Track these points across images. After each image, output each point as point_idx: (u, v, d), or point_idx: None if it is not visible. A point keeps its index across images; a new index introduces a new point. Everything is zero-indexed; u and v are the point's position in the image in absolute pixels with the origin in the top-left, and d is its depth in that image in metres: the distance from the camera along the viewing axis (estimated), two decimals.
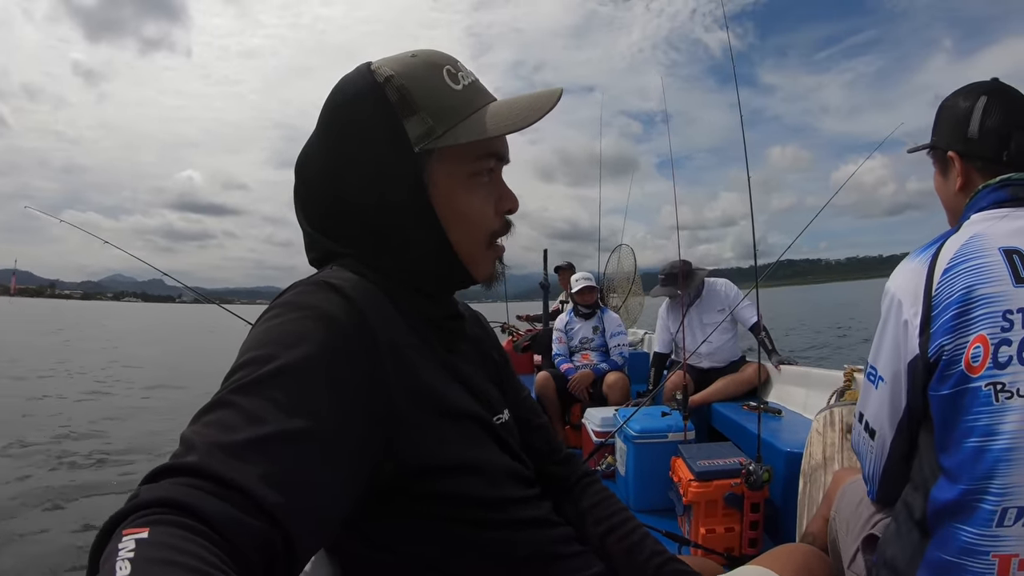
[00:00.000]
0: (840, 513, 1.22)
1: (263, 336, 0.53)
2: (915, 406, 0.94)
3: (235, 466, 0.41)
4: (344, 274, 0.62)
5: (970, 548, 0.83)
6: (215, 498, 0.38)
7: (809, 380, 2.84)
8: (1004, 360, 0.83)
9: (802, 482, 1.84)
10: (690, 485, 2.04)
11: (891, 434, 0.99)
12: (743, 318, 3.36)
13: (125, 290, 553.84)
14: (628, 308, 5.71)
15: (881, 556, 1.00)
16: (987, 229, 0.92)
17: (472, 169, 0.68)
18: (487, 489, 0.66)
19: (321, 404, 0.49)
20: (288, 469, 0.43)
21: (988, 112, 1.01)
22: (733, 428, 2.79)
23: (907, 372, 0.93)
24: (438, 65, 0.67)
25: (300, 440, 0.46)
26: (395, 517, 0.62)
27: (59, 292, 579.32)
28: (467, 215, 0.68)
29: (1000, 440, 0.82)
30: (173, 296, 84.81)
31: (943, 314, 0.89)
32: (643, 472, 2.46)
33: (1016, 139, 0.99)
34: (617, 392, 3.50)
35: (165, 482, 0.39)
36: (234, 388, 0.47)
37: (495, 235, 0.72)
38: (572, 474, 0.91)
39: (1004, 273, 0.86)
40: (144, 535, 0.34)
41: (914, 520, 0.93)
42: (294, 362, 0.49)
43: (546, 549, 0.71)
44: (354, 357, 0.54)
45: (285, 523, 0.41)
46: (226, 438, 0.43)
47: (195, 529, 0.36)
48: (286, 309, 0.56)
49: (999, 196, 0.96)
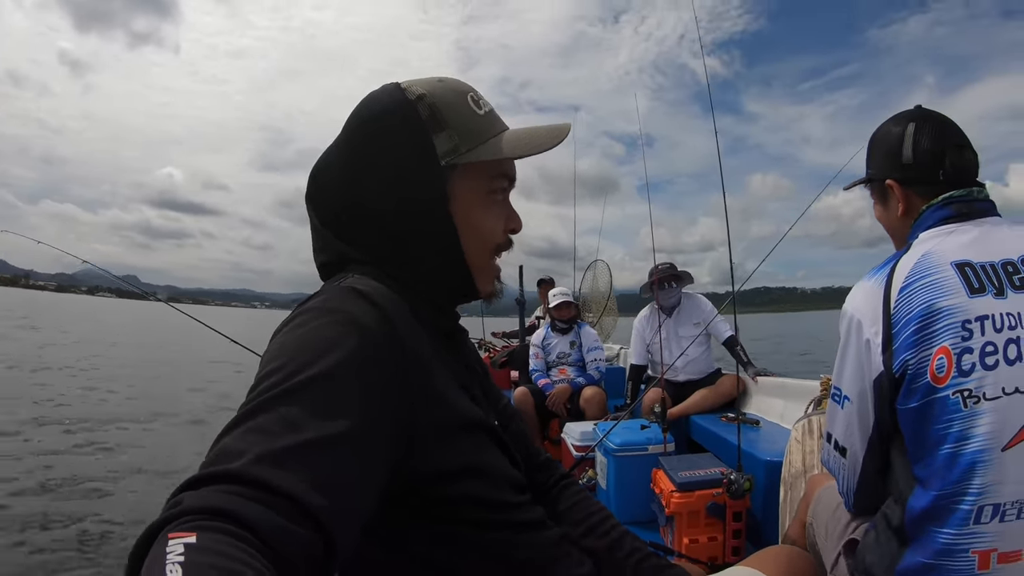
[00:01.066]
0: (818, 518, 1.23)
1: (296, 342, 0.53)
2: (884, 421, 0.97)
3: (279, 473, 0.41)
4: (370, 282, 0.64)
5: (948, 548, 0.86)
6: (260, 505, 0.38)
7: (786, 391, 2.88)
8: (968, 368, 0.87)
9: (783, 490, 1.86)
10: (672, 496, 2.05)
11: (863, 451, 1.01)
12: (718, 332, 3.40)
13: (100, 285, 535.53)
14: (602, 325, 5.75)
15: (860, 563, 1.01)
16: (937, 246, 0.96)
17: (489, 187, 0.73)
18: (490, 492, 0.67)
19: (354, 410, 0.50)
20: (329, 474, 0.44)
21: (919, 135, 1.05)
22: (712, 439, 2.81)
23: (873, 389, 0.96)
24: (463, 92, 0.73)
25: (338, 445, 0.46)
26: (403, 519, 0.62)
27: (33, 283, 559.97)
28: (480, 228, 0.73)
29: (973, 443, 0.85)
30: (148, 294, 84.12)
31: (904, 330, 0.91)
32: (624, 485, 2.47)
33: (950, 156, 1.03)
34: (594, 406, 3.51)
35: (206, 489, 0.39)
36: (272, 396, 0.47)
37: (499, 249, 0.76)
38: (550, 478, 0.94)
39: (958, 286, 0.90)
40: (192, 539, 0.33)
41: (892, 528, 0.95)
42: (328, 369, 0.50)
43: (544, 551, 0.72)
44: (384, 365, 0.55)
45: (328, 527, 0.41)
46: (268, 445, 0.43)
47: (241, 536, 0.36)
48: (316, 315, 0.57)
49: (944, 213, 1.01)
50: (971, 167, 1.05)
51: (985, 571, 0.84)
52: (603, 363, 3.92)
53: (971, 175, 1.04)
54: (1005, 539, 0.84)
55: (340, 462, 0.46)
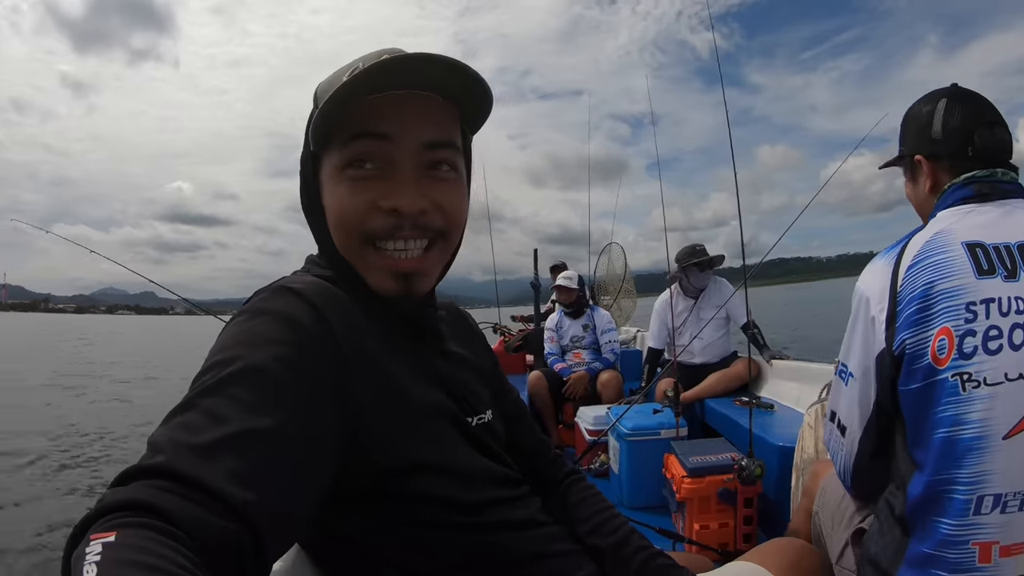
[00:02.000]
0: (824, 509, 1.22)
1: (227, 340, 0.53)
2: (884, 402, 0.96)
3: (201, 466, 0.40)
4: (304, 277, 0.64)
5: (949, 539, 0.84)
6: (182, 499, 0.38)
7: (800, 374, 2.84)
8: (969, 351, 0.85)
9: (795, 476, 1.84)
10: (683, 481, 2.04)
11: (860, 431, 1.00)
12: (736, 316, 3.36)
13: (118, 303, 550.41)
14: (620, 307, 5.72)
15: (865, 553, 1.01)
16: (951, 225, 0.94)
17: (342, 158, 0.63)
18: (459, 491, 0.65)
19: (285, 403, 0.49)
20: (254, 467, 0.43)
21: (949, 113, 1.04)
22: (725, 424, 2.79)
23: (875, 366, 0.95)
24: (353, 63, 0.65)
25: (265, 438, 0.46)
26: (364, 517, 0.62)
27: (53, 306, 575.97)
28: (334, 210, 0.65)
29: (968, 429, 0.83)
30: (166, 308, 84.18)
31: (906, 309, 0.90)
32: (636, 469, 2.46)
33: (979, 134, 1.01)
34: (611, 390, 3.50)
35: (133, 485, 0.39)
36: (200, 390, 0.47)
37: (372, 236, 0.64)
38: (558, 473, 0.92)
39: (966, 266, 0.88)
40: (111, 538, 0.34)
41: (895, 517, 0.94)
42: (257, 362, 0.50)
43: (527, 548, 0.70)
44: (316, 356, 0.55)
45: (253, 521, 0.40)
46: (192, 439, 0.43)
47: (163, 530, 0.36)
48: (249, 315, 0.56)
49: (964, 193, 0.99)
50: (1002, 146, 1.02)
51: (986, 564, 0.83)
52: (618, 345, 3.89)
53: (1002, 154, 1.01)
54: (1007, 532, 0.82)
55: (267, 454, 0.45)
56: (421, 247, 0.66)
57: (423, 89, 0.62)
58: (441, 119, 0.65)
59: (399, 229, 0.63)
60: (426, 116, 0.63)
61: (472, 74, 0.61)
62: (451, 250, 0.71)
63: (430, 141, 0.64)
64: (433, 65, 0.59)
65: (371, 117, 0.61)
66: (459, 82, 0.62)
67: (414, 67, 0.60)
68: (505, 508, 0.70)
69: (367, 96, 0.59)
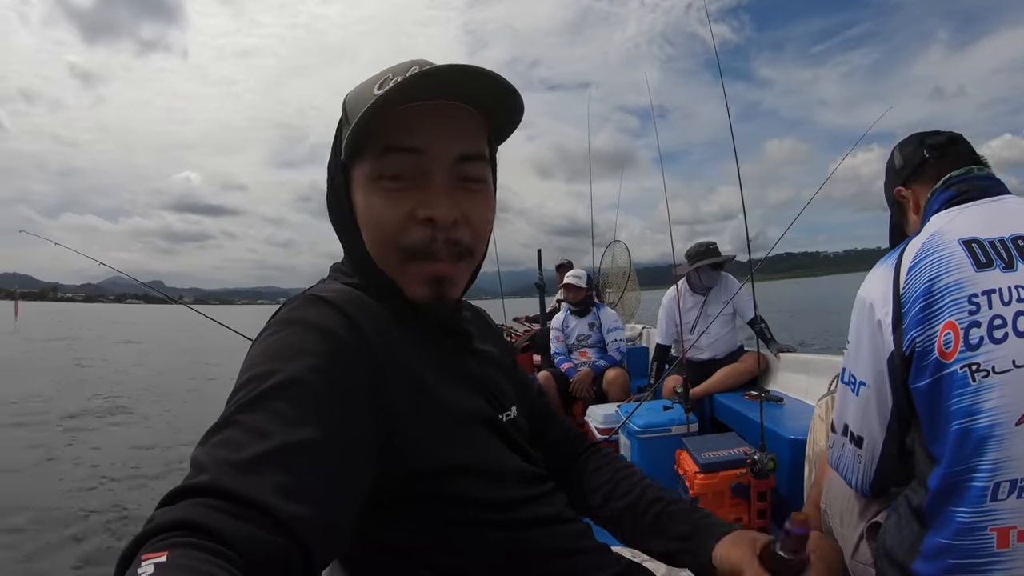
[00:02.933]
0: (832, 505, 1.22)
1: (261, 354, 0.53)
2: (900, 403, 0.96)
3: (247, 482, 0.41)
4: (333, 286, 0.64)
5: (966, 527, 0.85)
6: (230, 516, 0.38)
7: (809, 367, 2.84)
8: (975, 341, 0.86)
9: (808, 469, 1.84)
10: (696, 477, 2.05)
11: (882, 434, 1.00)
12: (743, 311, 3.35)
13: (126, 292, 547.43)
14: (624, 304, 5.72)
15: (881, 546, 1.01)
16: (945, 226, 0.96)
17: (374, 170, 0.63)
18: (494, 491, 0.65)
19: (324, 413, 0.49)
20: (298, 480, 0.44)
21: (903, 145, 1.20)
22: (736, 418, 2.79)
23: (888, 369, 0.95)
24: (379, 77, 0.65)
25: (307, 451, 0.46)
26: (403, 521, 0.62)
27: (61, 295, 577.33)
28: (369, 221, 0.65)
29: (982, 418, 0.84)
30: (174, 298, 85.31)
31: (911, 308, 0.92)
32: (648, 467, 2.45)
33: (927, 140, 1.14)
34: (617, 388, 3.51)
35: (182, 504, 0.39)
36: (238, 407, 0.48)
37: (410, 252, 0.64)
38: (579, 447, 0.91)
39: (965, 261, 0.90)
40: (163, 559, 0.34)
41: (912, 510, 0.94)
42: (294, 375, 0.50)
43: (556, 545, 0.69)
44: (351, 365, 0.55)
45: (301, 534, 0.41)
46: (234, 455, 0.43)
47: (213, 550, 0.36)
48: (281, 326, 0.57)
49: (948, 195, 1.04)
50: (955, 144, 1.11)
51: (1004, 550, 0.83)
52: (623, 343, 3.90)
53: (963, 154, 1.10)
54: None
55: (310, 467, 0.45)
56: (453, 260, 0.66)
57: (454, 100, 0.62)
58: (472, 131, 0.65)
59: (434, 242, 0.63)
60: (458, 129, 0.64)
61: (506, 86, 0.61)
62: (477, 261, 0.71)
63: (462, 154, 0.64)
64: (465, 77, 0.60)
65: (404, 130, 0.61)
66: (491, 93, 0.62)
67: (446, 79, 0.59)
68: (535, 505, 0.70)
69: (399, 107, 0.60)
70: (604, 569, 0.72)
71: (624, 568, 0.75)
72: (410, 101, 0.60)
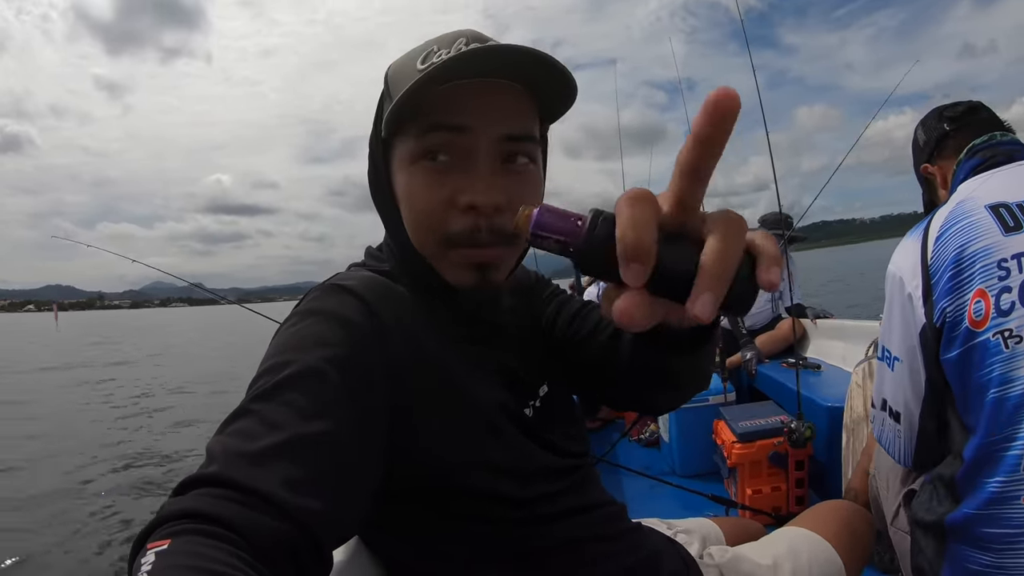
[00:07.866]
0: (880, 471, 1.23)
1: (280, 344, 0.54)
2: (934, 377, 0.96)
3: (256, 473, 0.41)
4: (358, 273, 0.62)
5: (998, 497, 0.85)
6: (238, 505, 0.39)
7: (846, 333, 2.81)
8: (1007, 307, 0.85)
9: (845, 436, 1.85)
10: (733, 447, 2.06)
11: (918, 408, 1.00)
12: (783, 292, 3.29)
13: (169, 296, 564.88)
14: None
15: (913, 515, 1.02)
16: (972, 193, 0.95)
17: (417, 147, 0.59)
18: (514, 489, 0.62)
19: (339, 405, 0.49)
20: (308, 472, 0.43)
21: (924, 121, 1.21)
22: (773, 386, 2.78)
23: (920, 343, 0.95)
24: (422, 50, 0.61)
25: (319, 442, 0.46)
26: (421, 512, 0.61)
27: (108, 303, 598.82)
28: (411, 205, 0.61)
29: (1017, 386, 0.83)
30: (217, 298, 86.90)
31: (941, 278, 0.91)
32: (686, 438, 2.49)
33: (947, 112, 1.14)
34: None
35: (190, 494, 0.40)
36: (253, 396, 0.48)
37: (452, 240, 0.60)
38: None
39: (992, 226, 0.88)
40: (165, 546, 0.35)
41: (945, 482, 0.95)
42: (310, 365, 0.50)
43: (581, 534, 0.67)
44: (367, 353, 0.54)
45: (309, 525, 0.41)
46: (246, 446, 0.43)
47: (215, 534, 0.36)
48: (301, 317, 0.56)
49: (974, 163, 1.02)
50: (975, 112, 1.11)
51: None
52: None
53: (984, 121, 1.09)
54: None
55: (320, 459, 0.45)
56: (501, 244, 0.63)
57: (504, 78, 0.59)
58: (521, 110, 0.61)
59: (476, 231, 0.59)
60: (506, 107, 0.60)
61: (558, 67, 0.58)
62: (523, 245, 0.67)
63: (509, 134, 0.60)
64: (514, 55, 0.57)
65: (449, 108, 0.58)
66: (542, 72, 0.59)
67: (495, 56, 0.57)
68: (560, 498, 0.67)
69: (445, 84, 0.56)
70: (634, 552, 0.71)
71: (655, 546, 0.75)
72: (457, 78, 0.57)
